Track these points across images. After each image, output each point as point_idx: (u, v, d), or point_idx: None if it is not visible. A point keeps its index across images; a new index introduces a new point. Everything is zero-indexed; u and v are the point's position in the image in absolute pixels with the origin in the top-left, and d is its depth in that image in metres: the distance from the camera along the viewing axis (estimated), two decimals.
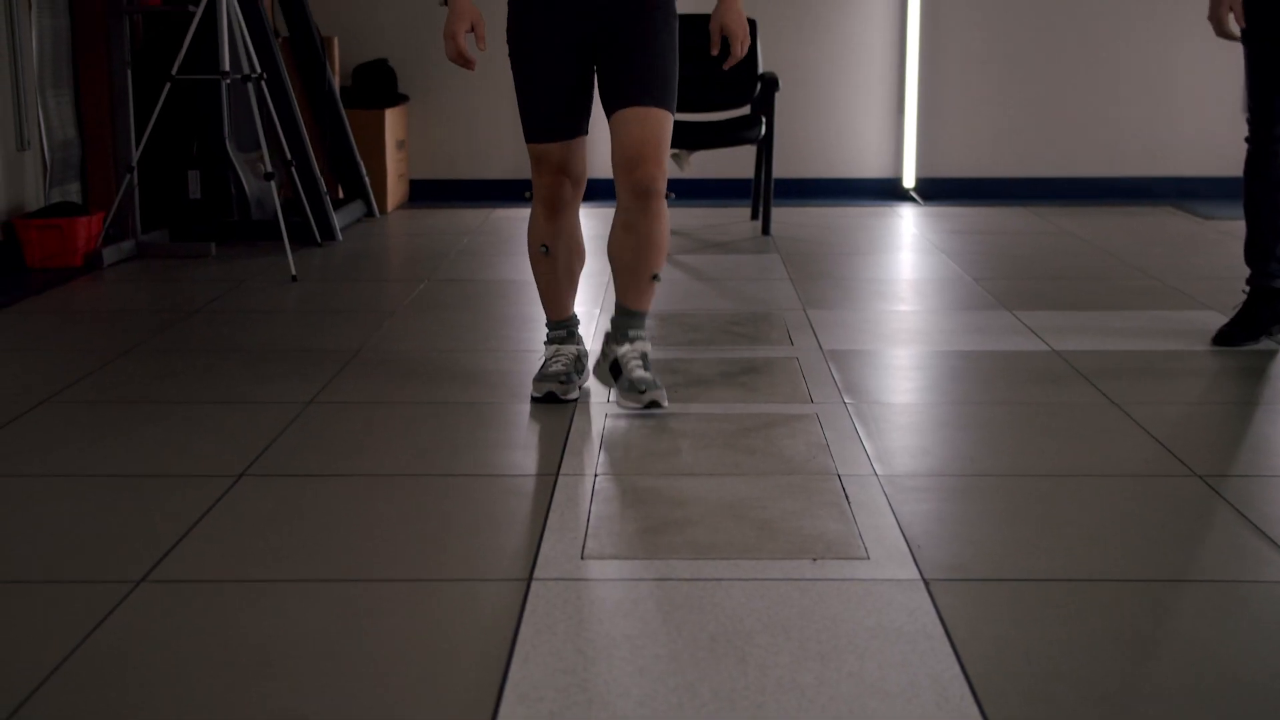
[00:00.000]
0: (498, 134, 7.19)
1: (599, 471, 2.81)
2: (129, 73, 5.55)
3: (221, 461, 2.87)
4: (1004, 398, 3.41)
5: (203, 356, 3.86)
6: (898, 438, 3.06)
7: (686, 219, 6.46)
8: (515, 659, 1.96)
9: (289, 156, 5.68)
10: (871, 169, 7.34)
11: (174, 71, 5.21)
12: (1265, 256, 3.83)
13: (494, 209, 6.89)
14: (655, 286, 3.27)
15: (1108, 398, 3.35)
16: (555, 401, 3.30)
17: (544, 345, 3.43)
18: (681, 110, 3.34)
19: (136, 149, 5.39)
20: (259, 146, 5.40)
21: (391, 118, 6.87)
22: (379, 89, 6.97)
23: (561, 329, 3.40)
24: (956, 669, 1.93)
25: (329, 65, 6.53)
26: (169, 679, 1.92)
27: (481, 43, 3.13)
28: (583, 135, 3.23)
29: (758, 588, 2.21)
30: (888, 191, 7.31)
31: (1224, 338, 3.87)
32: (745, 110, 6.18)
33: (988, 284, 4.84)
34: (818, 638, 2.03)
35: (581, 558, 2.35)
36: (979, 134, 7.28)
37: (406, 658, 1.98)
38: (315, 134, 6.37)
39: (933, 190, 7.26)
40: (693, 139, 5.88)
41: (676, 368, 3.63)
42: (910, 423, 3.20)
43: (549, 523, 2.52)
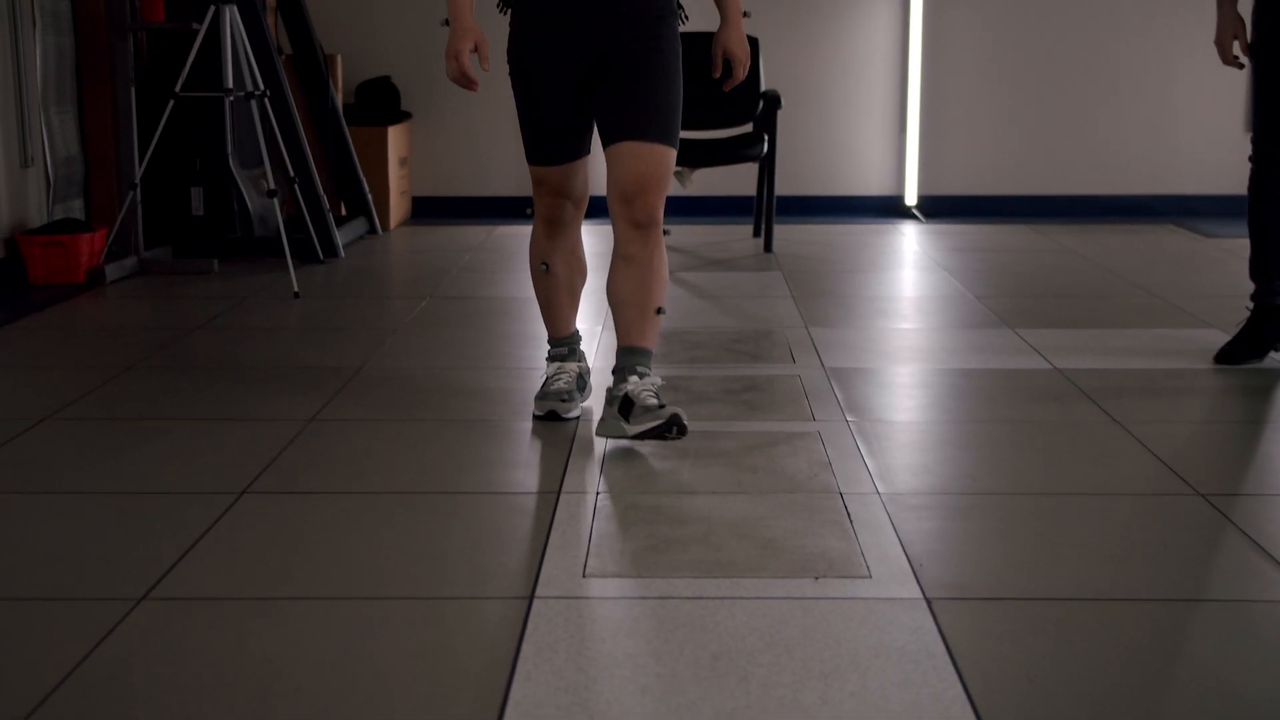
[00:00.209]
0: (500, 151, 7.20)
1: (601, 489, 2.81)
2: (132, 90, 5.56)
3: (223, 479, 2.87)
4: (1006, 416, 3.40)
5: (205, 373, 3.86)
6: (900, 456, 3.05)
7: (688, 236, 6.47)
8: (517, 678, 1.96)
9: (292, 173, 5.69)
10: (873, 186, 7.35)
11: (177, 89, 5.22)
12: (1269, 274, 3.83)
13: (496, 226, 6.90)
14: (659, 322, 3.15)
15: (1110, 416, 3.35)
16: (557, 419, 3.30)
17: (545, 362, 3.42)
18: (684, 128, 3.30)
19: (140, 166, 5.41)
20: (262, 163, 5.41)
21: (394, 135, 6.89)
22: (382, 106, 6.99)
23: (563, 346, 3.40)
24: (959, 688, 1.93)
25: (332, 82, 6.55)
26: (170, 697, 1.91)
27: (485, 63, 3.05)
28: (584, 156, 3.21)
29: (760, 606, 2.20)
30: (890, 209, 7.32)
31: (1226, 356, 3.87)
32: (748, 128, 6.19)
33: (990, 302, 4.84)
34: (820, 657, 2.02)
35: (583, 576, 2.34)
36: (981, 151, 7.29)
37: (408, 676, 1.97)
38: (318, 151, 6.39)
39: (935, 208, 7.27)
40: (695, 157, 5.89)
41: (678, 385, 3.63)
42: (912, 441, 3.20)
43: (550, 541, 2.51)
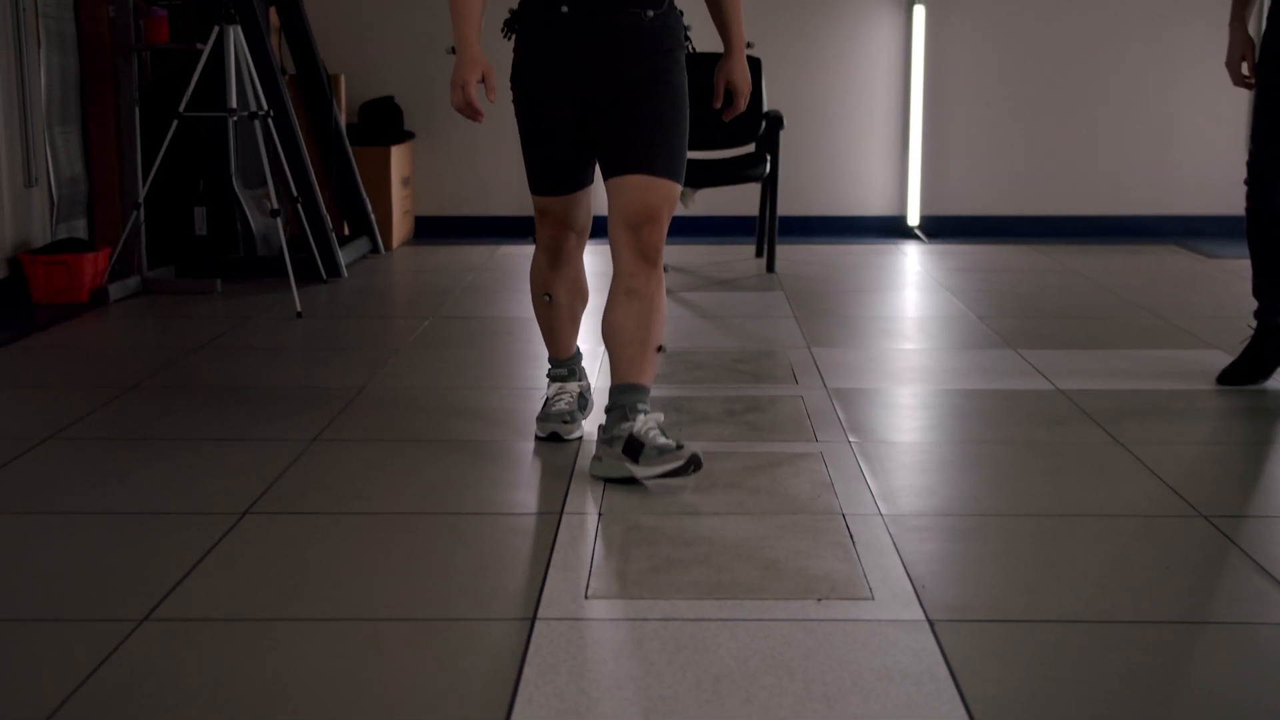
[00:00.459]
0: (502, 171, 7.22)
1: (603, 510, 2.80)
2: (137, 110, 5.58)
3: (225, 499, 2.86)
4: (1009, 437, 3.40)
5: (207, 393, 3.86)
6: (902, 477, 3.05)
7: (691, 256, 6.48)
8: (519, 699, 1.95)
9: (295, 193, 5.70)
10: (876, 207, 7.36)
11: (181, 108, 5.24)
12: (1272, 292, 3.82)
13: (498, 245, 6.90)
14: (657, 360, 3.07)
15: (1113, 437, 3.35)
16: (559, 441, 3.30)
17: (546, 382, 3.42)
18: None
19: (143, 185, 5.42)
20: (265, 183, 5.42)
21: (397, 154, 6.90)
22: (385, 126, 7.01)
23: (563, 367, 3.39)
24: (961, 711, 1.92)
25: (335, 102, 6.57)
26: (172, 718, 1.91)
27: (491, 94, 2.96)
28: (588, 186, 3.18)
29: (762, 628, 2.20)
30: (892, 229, 7.33)
31: (1229, 377, 3.87)
32: (750, 148, 6.20)
33: (992, 322, 4.84)
34: (822, 679, 2.02)
35: (585, 597, 2.34)
36: (983, 172, 7.30)
37: (410, 698, 1.97)
38: (321, 170, 6.40)
39: (937, 228, 7.28)
40: (697, 177, 5.89)
41: (681, 406, 3.63)
42: (915, 462, 3.20)
43: (553, 562, 2.51)
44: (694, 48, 3.13)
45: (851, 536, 2.64)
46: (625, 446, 2.92)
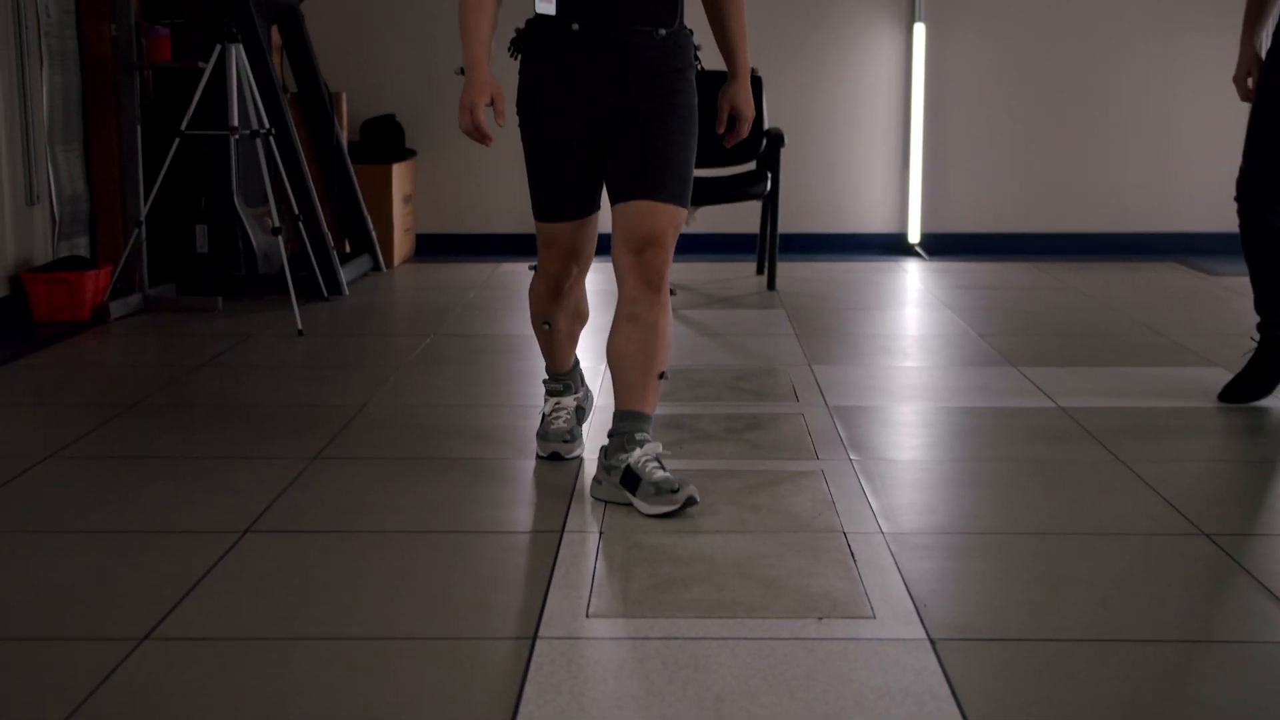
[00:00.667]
0: (504, 189, 7.23)
1: (604, 529, 2.80)
2: (138, 128, 5.59)
3: (226, 517, 2.86)
4: (1010, 455, 3.40)
5: (208, 411, 3.86)
6: (904, 495, 3.05)
7: (692, 274, 6.48)
8: (520, 718, 1.95)
9: (296, 211, 5.71)
10: (877, 224, 7.37)
11: (183, 127, 5.25)
12: (1273, 306, 3.82)
13: (500, 263, 6.91)
14: (660, 387, 3.02)
15: (1114, 455, 3.34)
16: (560, 460, 3.30)
17: (544, 394, 3.41)
18: None
19: (145, 203, 5.42)
20: (267, 201, 5.43)
21: (399, 172, 6.91)
22: (386, 144, 7.02)
23: (559, 382, 3.38)
24: None
25: (337, 120, 6.58)
26: None
27: (500, 118, 2.91)
28: (595, 212, 3.11)
29: (763, 647, 2.20)
30: (893, 246, 7.33)
31: (1231, 392, 3.87)
32: (751, 166, 6.21)
33: (993, 340, 4.84)
34: (824, 698, 2.01)
35: (586, 616, 2.34)
36: (984, 189, 7.31)
37: (410, 716, 1.96)
38: (322, 188, 6.41)
39: (938, 245, 7.29)
40: (699, 194, 5.89)
41: (681, 423, 3.63)
42: (916, 480, 3.20)
43: (554, 580, 2.51)
44: (702, 66, 3.10)
45: (853, 555, 2.64)
46: (623, 478, 2.92)
